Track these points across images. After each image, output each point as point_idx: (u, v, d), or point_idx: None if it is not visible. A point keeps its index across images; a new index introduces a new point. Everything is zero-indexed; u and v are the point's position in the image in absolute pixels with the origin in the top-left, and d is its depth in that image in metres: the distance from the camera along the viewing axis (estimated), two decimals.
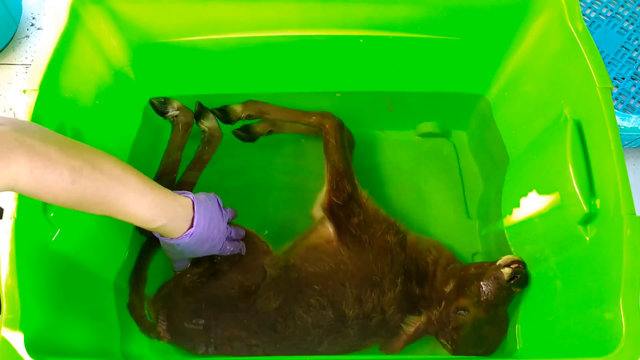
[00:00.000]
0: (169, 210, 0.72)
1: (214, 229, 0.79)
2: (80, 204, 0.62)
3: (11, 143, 0.55)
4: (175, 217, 0.73)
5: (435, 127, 1.09)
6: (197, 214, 0.75)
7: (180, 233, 0.74)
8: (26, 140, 0.56)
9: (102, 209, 0.65)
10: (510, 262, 0.84)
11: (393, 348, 0.89)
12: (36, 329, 0.63)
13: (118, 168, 0.66)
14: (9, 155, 0.54)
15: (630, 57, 1.17)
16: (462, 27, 0.88)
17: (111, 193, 0.64)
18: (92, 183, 0.61)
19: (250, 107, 1.03)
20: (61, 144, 0.60)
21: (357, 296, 0.86)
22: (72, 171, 0.59)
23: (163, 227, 0.72)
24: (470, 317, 0.84)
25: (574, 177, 0.71)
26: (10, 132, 0.56)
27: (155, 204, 0.70)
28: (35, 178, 0.56)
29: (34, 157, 0.56)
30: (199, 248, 0.79)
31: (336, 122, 1.01)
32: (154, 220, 0.70)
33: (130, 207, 0.67)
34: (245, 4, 0.84)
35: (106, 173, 0.64)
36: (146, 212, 0.69)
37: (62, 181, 0.58)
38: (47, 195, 0.59)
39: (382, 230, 0.91)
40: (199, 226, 0.76)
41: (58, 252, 0.73)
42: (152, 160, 1.01)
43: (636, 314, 0.61)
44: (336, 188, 0.93)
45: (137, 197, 0.67)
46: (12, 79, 1.23)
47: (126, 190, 0.66)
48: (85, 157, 0.62)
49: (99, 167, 0.63)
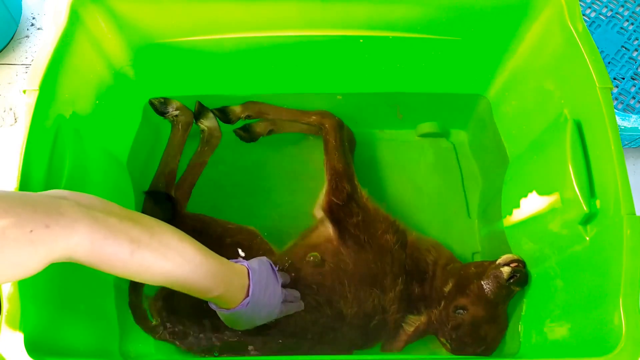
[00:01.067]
0: (224, 280, 0.71)
1: (270, 295, 0.77)
2: (138, 274, 0.62)
3: (75, 215, 0.55)
4: (231, 287, 0.72)
5: (435, 127, 1.09)
6: (252, 282, 0.74)
7: (236, 302, 0.73)
8: (89, 212, 0.57)
9: (159, 279, 0.65)
10: (510, 261, 0.84)
11: (394, 347, 0.89)
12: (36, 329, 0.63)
13: (175, 238, 0.66)
14: (73, 226, 0.54)
15: (630, 57, 1.17)
16: (462, 27, 0.88)
17: (169, 263, 0.64)
18: (150, 254, 0.61)
19: (249, 107, 1.03)
20: (121, 216, 0.61)
21: (357, 295, 0.86)
22: (131, 242, 0.59)
23: (220, 297, 0.71)
24: (470, 316, 0.84)
25: (574, 177, 0.71)
26: (75, 205, 0.56)
27: (212, 273, 0.69)
28: (95, 249, 0.57)
29: (96, 229, 0.56)
30: (257, 315, 0.77)
31: (336, 122, 1.01)
32: (211, 291, 0.69)
33: (187, 277, 0.66)
34: (245, 4, 0.84)
35: (164, 243, 0.63)
36: (203, 282, 0.68)
37: (121, 252, 0.59)
38: (105, 265, 0.59)
39: (381, 229, 0.91)
40: (255, 294, 0.74)
41: None
42: (152, 160, 1.01)
43: (636, 314, 0.61)
44: (335, 188, 0.93)
45: (193, 268, 0.66)
46: (12, 79, 1.23)
47: (183, 261, 0.65)
48: (144, 226, 0.62)
49: (157, 237, 0.63)
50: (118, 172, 0.92)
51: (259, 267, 0.77)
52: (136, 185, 0.97)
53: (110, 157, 0.90)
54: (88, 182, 0.78)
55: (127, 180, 0.95)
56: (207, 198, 1.02)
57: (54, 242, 0.53)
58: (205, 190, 1.03)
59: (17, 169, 0.65)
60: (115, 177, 0.91)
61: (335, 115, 1.02)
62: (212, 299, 0.72)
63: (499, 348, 0.87)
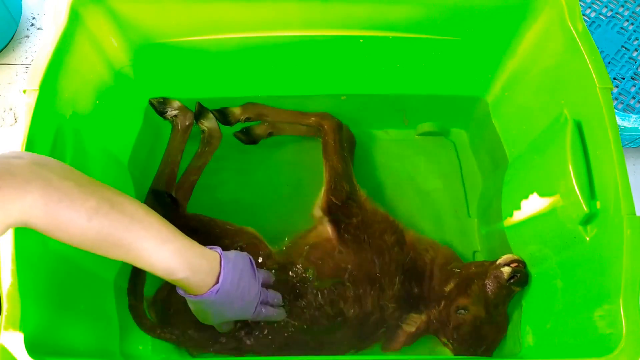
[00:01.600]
0: (192, 261, 0.66)
1: (244, 288, 0.72)
2: (97, 244, 0.59)
3: (27, 175, 0.53)
4: (199, 270, 0.67)
5: (435, 126, 1.09)
6: (224, 269, 0.69)
7: (205, 289, 0.68)
8: (43, 172, 0.54)
9: (119, 252, 0.61)
10: (510, 261, 0.84)
11: (394, 347, 0.89)
12: (36, 329, 0.63)
13: (140, 211, 0.62)
14: (25, 187, 0.52)
15: (630, 57, 1.17)
16: (462, 27, 0.88)
17: (130, 235, 0.60)
18: (110, 223, 0.58)
19: (249, 109, 1.03)
20: (80, 181, 0.58)
21: (356, 295, 0.86)
22: (89, 208, 0.56)
23: (185, 279, 0.66)
24: (470, 316, 0.84)
25: (574, 177, 0.71)
26: (28, 165, 0.54)
27: (179, 253, 0.65)
28: (49, 212, 0.54)
29: (50, 191, 0.54)
30: (228, 308, 0.73)
31: (335, 123, 1.01)
32: (175, 271, 0.65)
33: (150, 252, 0.62)
34: (245, 4, 0.84)
35: (127, 214, 0.60)
36: (168, 261, 0.64)
37: (78, 217, 0.56)
38: (61, 232, 0.56)
39: (380, 229, 0.91)
40: (226, 282, 0.69)
41: (58, 252, 0.73)
42: (152, 161, 1.01)
43: (636, 314, 0.61)
44: (334, 188, 0.93)
45: (158, 243, 0.63)
46: (12, 79, 1.23)
47: (147, 234, 0.62)
48: (104, 195, 0.59)
49: (118, 207, 0.60)
50: (119, 173, 0.93)
51: (234, 257, 0.73)
52: (137, 186, 0.97)
53: (111, 157, 0.90)
54: None
55: (128, 180, 0.95)
56: (206, 198, 1.02)
57: (6, 205, 0.51)
58: (205, 191, 1.03)
59: None
60: (115, 177, 0.91)
61: (335, 117, 1.02)
62: (178, 282, 0.67)
63: (499, 348, 0.87)
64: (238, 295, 0.72)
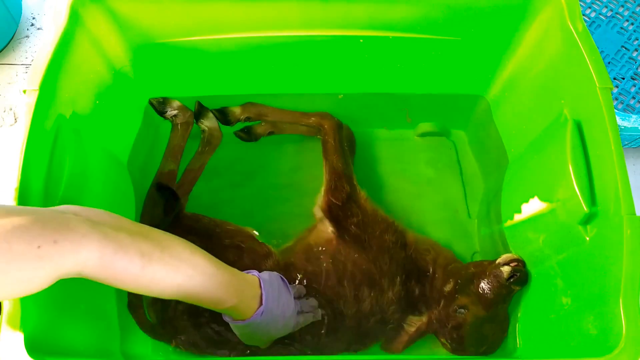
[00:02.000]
0: (237, 290, 0.70)
1: (284, 305, 0.76)
2: (149, 288, 0.62)
3: (85, 229, 0.55)
4: (245, 296, 0.71)
5: (435, 126, 1.09)
6: (264, 291, 0.73)
7: (250, 313, 0.72)
8: (99, 227, 0.56)
9: (170, 292, 0.64)
10: (510, 260, 0.84)
11: (394, 348, 0.89)
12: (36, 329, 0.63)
13: (186, 251, 0.65)
14: (81, 241, 0.54)
15: (630, 57, 1.17)
16: (462, 27, 0.88)
17: (179, 276, 0.63)
18: (161, 267, 0.61)
19: (249, 109, 1.03)
20: (131, 230, 0.60)
21: (356, 295, 0.86)
22: (142, 256, 0.59)
23: (234, 308, 0.70)
24: (470, 316, 0.84)
25: (574, 177, 0.71)
26: (84, 220, 0.56)
27: (224, 284, 0.68)
28: (105, 264, 0.56)
29: (105, 243, 0.56)
30: (273, 326, 0.76)
31: (335, 123, 1.01)
32: (224, 302, 0.69)
33: (199, 289, 0.66)
34: (245, 4, 0.84)
35: (175, 256, 0.63)
36: (216, 293, 0.68)
37: (132, 267, 0.58)
38: (116, 281, 0.59)
39: (380, 229, 0.91)
40: (269, 302, 0.73)
41: None
42: (152, 160, 1.01)
43: (636, 314, 0.61)
44: (334, 188, 0.93)
45: (206, 280, 0.66)
46: (12, 79, 1.23)
47: (195, 273, 0.65)
48: (154, 240, 0.62)
49: (168, 250, 0.62)
50: (118, 172, 0.92)
51: (269, 278, 0.76)
52: (136, 185, 0.97)
53: (111, 157, 0.90)
54: (88, 182, 0.78)
55: (128, 180, 0.95)
56: (206, 198, 1.02)
57: (61, 258, 0.52)
58: (205, 191, 1.03)
59: (17, 169, 0.65)
60: (115, 177, 0.91)
61: (335, 117, 1.02)
62: (226, 311, 0.71)
63: (499, 348, 0.87)
64: (280, 313, 0.76)
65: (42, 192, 0.68)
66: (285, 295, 0.77)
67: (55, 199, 0.69)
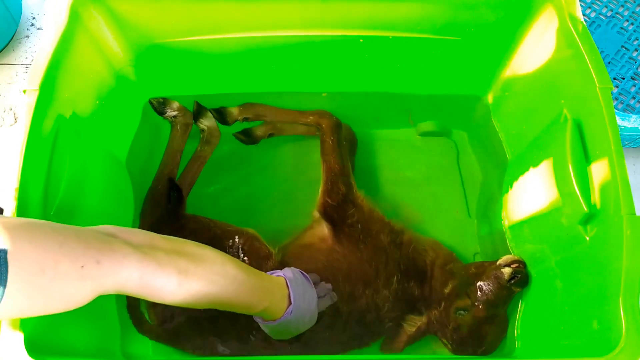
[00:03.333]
0: (268, 293, 0.72)
1: (309, 300, 0.79)
2: (186, 301, 0.63)
3: (125, 250, 0.57)
4: (275, 298, 0.74)
5: (435, 126, 1.09)
6: (292, 290, 0.76)
7: (281, 313, 0.74)
8: (139, 248, 0.58)
9: (204, 303, 0.66)
10: (511, 261, 0.84)
11: (394, 347, 0.89)
12: (36, 329, 0.63)
13: (218, 261, 0.67)
14: (122, 262, 0.56)
15: (630, 57, 1.17)
16: (462, 27, 0.88)
17: (213, 288, 0.65)
18: (197, 282, 0.63)
19: (247, 109, 1.03)
20: (166, 249, 0.62)
21: (351, 293, 0.86)
22: (179, 273, 0.61)
23: (266, 310, 0.72)
24: (470, 317, 0.84)
25: (574, 177, 0.71)
26: (125, 242, 0.58)
27: (255, 289, 0.70)
28: (144, 283, 0.58)
29: (145, 264, 0.58)
30: (301, 321, 0.78)
31: (333, 122, 1.01)
32: (256, 306, 0.71)
33: (232, 297, 0.68)
34: (245, 4, 0.84)
35: (208, 269, 0.65)
36: (248, 299, 0.70)
37: (170, 284, 0.60)
38: (154, 297, 0.61)
39: (376, 229, 0.91)
40: (297, 301, 0.75)
41: None
42: (151, 160, 1.01)
43: (636, 314, 0.61)
44: (331, 189, 0.93)
45: (237, 288, 0.68)
46: (12, 79, 1.23)
47: (227, 282, 0.67)
48: (188, 255, 0.64)
49: (202, 265, 0.64)
50: (117, 172, 0.92)
51: (293, 275, 0.78)
52: (135, 185, 0.97)
53: (110, 156, 0.90)
54: (88, 182, 0.78)
55: (127, 179, 0.95)
56: (205, 198, 1.02)
57: (103, 278, 0.54)
58: (204, 191, 1.03)
59: (17, 169, 0.65)
60: (114, 176, 0.91)
61: (333, 115, 1.02)
62: (259, 313, 0.73)
63: (499, 348, 0.87)
64: (306, 307, 0.78)
65: (42, 192, 0.68)
66: (309, 290, 0.79)
67: (55, 198, 0.69)
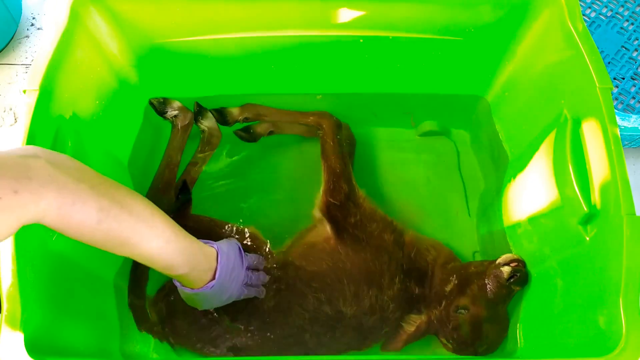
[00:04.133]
0: (192, 259, 0.70)
1: (233, 281, 0.77)
2: (105, 243, 0.62)
3: (44, 178, 0.54)
4: (198, 267, 0.72)
5: (435, 126, 1.09)
6: (219, 266, 0.74)
7: (201, 283, 0.73)
8: (58, 175, 0.56)
9: (125, 250, 0.64)
10: (510, 260, 0.84)
11: (394, 347, 0.89)
12: (36, 329, 0.63)
13: (147, 211, 0.65)
14: (40, 191, 0.53)
15: (630, 57, 1.17)
16: (463, 27, 0.88)
17: (136, 235, 0.63)
18: (119, 224, 0.61)
19: (247, 109, 1.03)
20: (93, 182, 0.60)
21: (355, 294, 0.86)
22: (100, 211, 0.59)
23: (185, 275, 0.71)
24: (470, 316, 0.84)
25: (574, 177, 0.71)
26: (45, 167, 0.55)
27: (180, 251, 0.68)
28: (62, 214, 0.56)
29: (64, 194, 0.55)
30: (218, 298, 0.77)
31: (333, 122, 1.01)
32: (176, 268, 0.69)
33: (153, 251, 0.66)
34: (245, 4, 0.84)
35: (134, 214, 0.62)
36: (170, 259, 0.68)
37: (89, 219, 0.58)
38: (72, 231, 0.59)
39: (379, 229, 0.91)
40: (221, 278, 0.74)
41: (58, 252, 0.73)
42: (152, 160, 1.01)
43: (636, 314, 0.61)
44: (333, 188, 0.93)
45: (161, 243, 0.66)
46: (12, 79, 1.23)
47: (152, 234, 0.65)
48: (115, 197, 0.61)
49: (127, 208, 0.62)
50: (119, 173, 0.92)
51: (227, 250, 0.77)
52: (137, 186, 0.97)
53: (111, 157, 0.90)
54: None
55: (128, 181, 0.95)
56: (206, 198, 1.02)
57: (22, 209, 0.52)
58: (204, 191, 1.03)
59: None
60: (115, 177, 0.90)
61: (333, 116, 1.02)
62: (177, 277, 0.72)
63: (500, 348, 0.87)
64: (228, 286, 0.77)
65: None
66: (237, 269, 0.78)
67: None
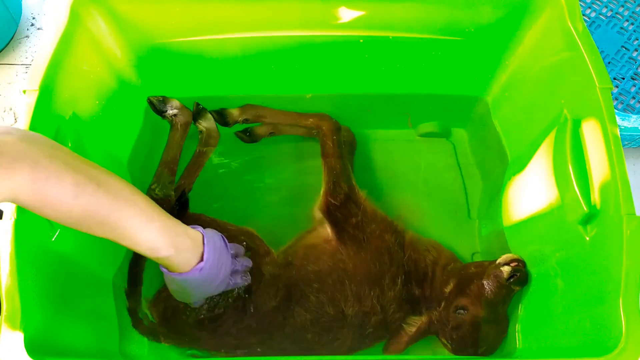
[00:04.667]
0: (176, 240, 0.67)
1: (222, 267, 0.75)
2: (83, 221, 0.60)
3: (16, 153, 0.53)
4: (183, 249, 0.69)
5: (435, 126, 1.09)
6: (207, 248, 0.71)
7: (188, 267, 0.69)
8: (32, 150, 0.55)
9: (104, 230, 0.62)
10: (510, 260, 0.84)
11: (395, 348, 0.89)
12: (36, 329, 0.63)
13: (126, 190, 0.63)
14: (13, 166, 0.52)
15: (630, 57, 1.17)
16: (463, 27, 0.88)
17: (115, 213, 0.61)
18: (96, 201, 0.58)
19: (247, 111, 1.03)
20: (67, 159, 0.58)
21: (356, 294, 0.86)
22: (76, 186, 0.57)
23: (169, 258, 0.67)
24: (470, 316, 0.84)
25: (573, 177, 0.71)
26: (17, 143, 0.54)
27: (163, 231, 0.66)
28: (37, 190, 0.54)
29: (38, 169, 0.54)
30: (208, 285, 0.75)
31: (332, 124, 1.01)
32: (160, 249, 0.66)
33: (135, 231, 0.63)
34: (245, 4, 0.84)
35: (112, 192, 0.61)
36: (152, 239, 0.65)
37: (64, 195, 0.56)
38: (48, 209, 0.57)
39: (380, 229, 0.91)
40: (209, 261, 0.71)
41: (58, 252, 0.73)
42: (152, 160, 1.01)
43: (636, 314, 0.61)
44: (333, 189, 0.93)
45: (143, 222, 0.63)
46: (12, 79, 1.23)
47: (132, 212, 0.62)
48: (91, 173, 0.60)
49: (105, 185, 0.60)
50: (119, 172, 0.91)
51: (212, 235, 0.75)
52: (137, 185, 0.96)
53: (111, 157, 0.90)
54: None
55: (128, 180, 0.94)
56: (205, 198, 1.02)
57: None
58: (204, 190, 1.03)
59: None
60: None
61: (332, 118, 1.02)
62: (162, 261, 0.68)
63: (500, 348, 0.87)
64: (218, 272, 0.74)
65: None
66: (225, 255, 0.76)
67: None
